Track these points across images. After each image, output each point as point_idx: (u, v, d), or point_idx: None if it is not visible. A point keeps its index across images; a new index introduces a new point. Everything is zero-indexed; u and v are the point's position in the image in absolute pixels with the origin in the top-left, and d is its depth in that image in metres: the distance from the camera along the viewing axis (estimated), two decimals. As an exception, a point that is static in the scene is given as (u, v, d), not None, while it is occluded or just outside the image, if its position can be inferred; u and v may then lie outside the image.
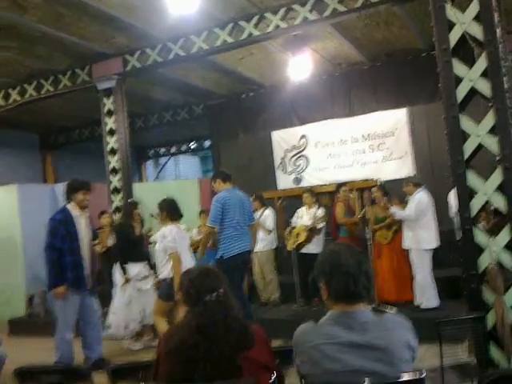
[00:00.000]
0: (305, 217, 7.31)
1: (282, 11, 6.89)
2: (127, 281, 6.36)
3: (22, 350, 6.75)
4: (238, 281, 5.43)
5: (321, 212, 7.30)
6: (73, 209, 5.19)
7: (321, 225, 7.15)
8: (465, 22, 4.36)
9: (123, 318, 6.34)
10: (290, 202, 8.77)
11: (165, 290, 5.40)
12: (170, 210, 5.44)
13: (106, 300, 8.03)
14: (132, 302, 6.35)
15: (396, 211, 6.48)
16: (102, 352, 5.60)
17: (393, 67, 9.62)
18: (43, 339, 7.31)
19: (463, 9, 4.44)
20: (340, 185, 7.48)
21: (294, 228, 7.25)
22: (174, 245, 5.22)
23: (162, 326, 5.34)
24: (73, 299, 5.15)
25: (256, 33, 7.15)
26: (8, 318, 8.85)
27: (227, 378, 2.08)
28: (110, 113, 8.54)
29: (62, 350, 5.15)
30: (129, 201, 7.33)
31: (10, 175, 11.80)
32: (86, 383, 3.09)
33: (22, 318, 8.91)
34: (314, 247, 7.11)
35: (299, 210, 7.48)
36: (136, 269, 6.34)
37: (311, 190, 7.76)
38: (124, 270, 6.39)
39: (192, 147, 16.69)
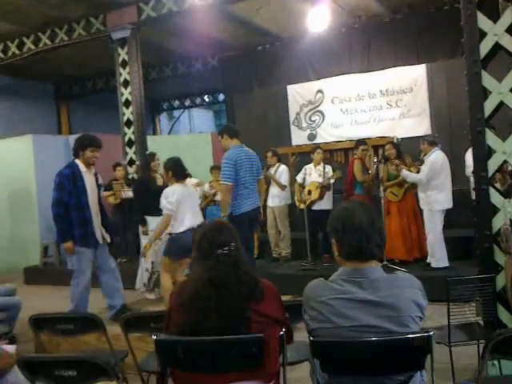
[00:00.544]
0: (313, 174, 7.28)
1: (301, -41, 6.65)
2: (145, 233, 6.39)
3: (37, 298, 6.97)
4: (247, 237, 5.46)
5: (329, 169, 7.28)
6: (80, 164, 5.17)
7: (332, 180, 7.14)
8: (493, -26, 4.16)
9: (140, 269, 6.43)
10: (304, 158, 8.72)
11: (166, 246, 5.47)
12: (175, 170, 5.41)
13: (119, 251, 8.20)
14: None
15: (408, 174, 6.40)
16: (123, 300, 5.63)
17: (413, 20, 9.33)
18: (57, 288, 7.52)
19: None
20: (359, 142, 7.41)
21: (303, 185, 7.21)
22: (170, 207, 5.21)
23: (165, 282, 5.41)
24: (84, 251, 5.16)
25: (274, -19, 6.92)
26: (23, 266, 9.05)
27: (237, 330, 2.11)
28: (124, 63, 8.44)
29: (76, 300, 5.20)
30: (147, 153, 7.26)
31: (25, 125, 11.83)
32: (99, 332, 3.17)
33: (37, 267, 9.09)
34: (324, 203, 7.13)
35: (307, 167, 7.44)
36: (155, 222, 6.28)
37: (321, 147, 7.70)
38: (144, 222, 6.41)
39: (206, 101, 16.54)
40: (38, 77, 12.53)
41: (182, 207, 5.28)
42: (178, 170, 5.43)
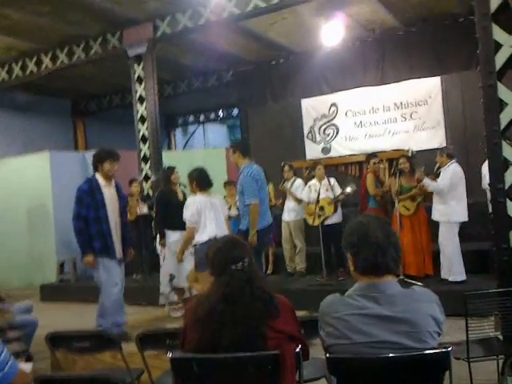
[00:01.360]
0: (321, 189, 7.21)
1: (315, -26, 6.70)
2: (163, 245, 6.40)
3: (54, 316, 6.99)
4: (260, 252, 5.47)
5: (334, 181, 7.30)
6: (100, 178, 5.21)
7: (349, 190, 7.07)
8: (507, -14, 4.15)
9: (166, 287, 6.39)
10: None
11: (194, 260, 5.43)
12: (199, 180, 5.43)
13: (134, 268, 8.20)
14: (165, 265, 6.39)
15: (430, 182, 6.33)
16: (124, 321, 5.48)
17: (428, 33, 9.35)
18: (74, 305, 7.55)
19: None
20: (370, 156, 7.39)
21: (317, 202, 7.14)
22: (191, 218, 5.23)
23: (198, 287, 5.34)
24: (108, 262, 5.15)
25: (289, -3, 6.98)
26: (40, 283, 9.09)
27: (253, 347, 2.09)
28: (139, 79, 8.55)
29: (108, 314, 5.13)
30: (165, 166, 7.27)
31: (42, 142, 12.01)
32: (115, 350, 3.17)
33: (53, 284, 9.10)
34: (335, 217, 7.10)
35: (311, 184, 7.38)
36: (175, 236, 6.23)
37: (321, 163, 7.72)
38: (162, 236, 6.41)
39: (220, 115, 16.64)
40: (55, 94, 12.74)
41: (203, 217, 5.28)
42: (202, 180, 5.45)
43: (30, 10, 7.61)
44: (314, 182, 7.40)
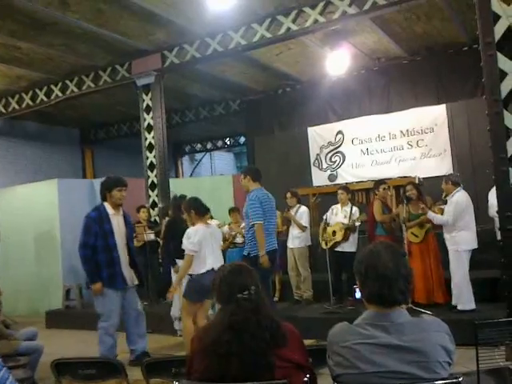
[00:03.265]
0: (339, 214, 7.22)
1: (320, 5, 6.84)
2: (177, 272, 6.36)
3: (59, 342, 6.94)
4: (266, 278, 5.43)
5: (355, 210, 7.21)
6: (108, 207, 5.22)
7: (358, 223, 7.06)
8: (511, 15, 4.21)
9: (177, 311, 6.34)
10: (324, 199, 8.70)
11: (185, 288, 5.40)
12: (197, 207, 5.42)
13: (141, 294, 8.16)
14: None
15: (434, 216, 6.32)
16: (146, 346, 5.57)
17: (433, 62, 9.45)
18: (79, 332, 7.50)
19: (509, 1, 4.29)
20: (379, 182, 7.36)
21: (328, 224, 7.16)
22: (192, 247, 5.19)
23: (187, 325, 5.32)
24: (111, 294, 5.15)
25: (294, 27, 7.11)
26: (45, 309, 9.06)
27: (260, 377, 2.06)
28: (148, 109, 8.66)
29: (104, 344, 5.16)
30: (176, 195, 7.29)
31: (51, 170, 12.15)
32: (120, 377, 3.13)
33: (59, 310, 9.07)
34: (348, 245, 7.03)
35: (334, 207, 7.40)
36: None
37: (346, 187, 7.65)
38: (174, 264, 6.43)
39: (227, 143, 16.78)
40: (64, 123, 12.93)
41: (203, 248, 5.25)
42: (200, 207, 5.44)
43: (41, 42, 7.78)
44: (337, 206, 7.39)
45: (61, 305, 9.17)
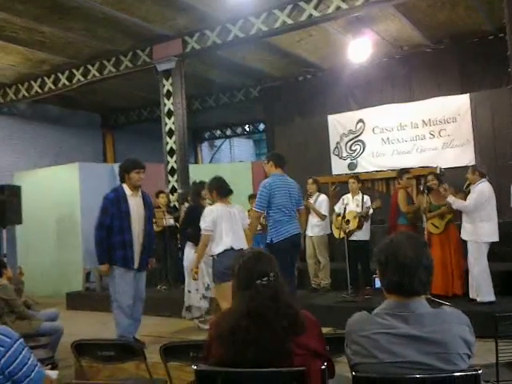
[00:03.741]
0: (351, 204, 7.18)
1: (343, -8, 6.74)
2: None
3: (79, 324, 7.06)
4: (289, 265, 5.40)
5: (367, 199, 7.19)
6: (126, 188, 5.26)
7: (371, 210, 7.02)
8: (539, 3, 4.11)
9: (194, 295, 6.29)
10: (343, 188, 8.63)
11: (212, 272, 5.32)
12: (219, 188, 5.37)
13: (160, 279, 8.26)
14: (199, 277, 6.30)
15: (454, 200, 6.23)
16: (136, 331, 5.41)
17: (456, 50, 9.30)
18: (99, 313, 7.61)
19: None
20: (403, 171, 7.24)
21: (339, 215, 7.10)
22: (205, 227, 5.11)
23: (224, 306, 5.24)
24: (125, 274, 5.14)
25: (316, 14, 7.04)
26: (66, 291, 9.21)
27: (278, 363, 2.06)
28: (168, 94, 8.67)
29: (120, 325, 5.16)
30: (195, 181, 7.28)
31: (72, 154, 12.27)
32: (139, 359, 3.18)
33: (79, 292, 9.21)
34: (362, 234, 6.99)
35: (344, 197, 7.34)
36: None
37: (357, 177, 7.60)
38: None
39: (247, 130, 16.75)
40: (85, 107, 13.02)
41: (219, 227, 5.14)
42: (222, 188, 5.35)
43: (63, 26, 7.83)
44: (348, 195, 7.36)
45: (81, 287, 9.31)
